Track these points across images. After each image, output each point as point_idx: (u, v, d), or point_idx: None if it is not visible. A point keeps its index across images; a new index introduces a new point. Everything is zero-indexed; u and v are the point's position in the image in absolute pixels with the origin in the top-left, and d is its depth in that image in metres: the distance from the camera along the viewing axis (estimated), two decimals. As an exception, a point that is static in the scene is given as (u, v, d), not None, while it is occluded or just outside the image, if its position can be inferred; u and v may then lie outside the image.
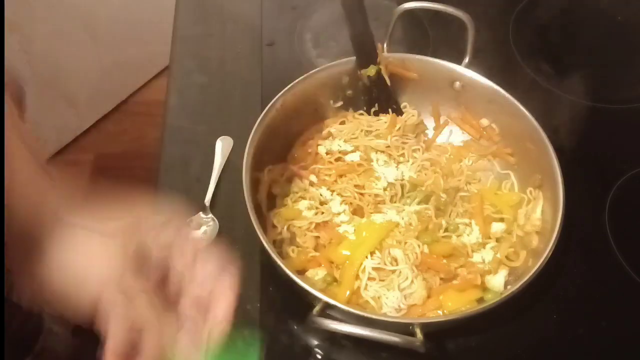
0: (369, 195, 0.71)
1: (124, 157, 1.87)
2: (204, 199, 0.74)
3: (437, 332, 0.63)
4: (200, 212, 0.73)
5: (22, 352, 0.79)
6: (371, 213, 0.70)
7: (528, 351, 0.66)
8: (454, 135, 0.80)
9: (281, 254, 0.66)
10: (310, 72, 0.74)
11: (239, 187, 0.64)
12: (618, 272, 0.71)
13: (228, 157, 0.78)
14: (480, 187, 0.75)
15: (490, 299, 0.61)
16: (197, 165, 0.78)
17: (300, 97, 0.74)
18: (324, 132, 0.78)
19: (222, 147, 0.79)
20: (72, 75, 1.74)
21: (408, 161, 0.75)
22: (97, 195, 0.49)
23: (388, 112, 0.78)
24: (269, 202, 0.72)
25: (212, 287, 0.46)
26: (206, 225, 0.72)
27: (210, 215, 0.73)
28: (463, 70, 0.75)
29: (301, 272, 0.66)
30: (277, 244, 0.68)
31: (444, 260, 0.67)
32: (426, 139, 0.80)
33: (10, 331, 0.75)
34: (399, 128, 0.77)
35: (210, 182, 0.76)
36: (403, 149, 0.76)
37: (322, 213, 0.70)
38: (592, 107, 0.87)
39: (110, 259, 0.46)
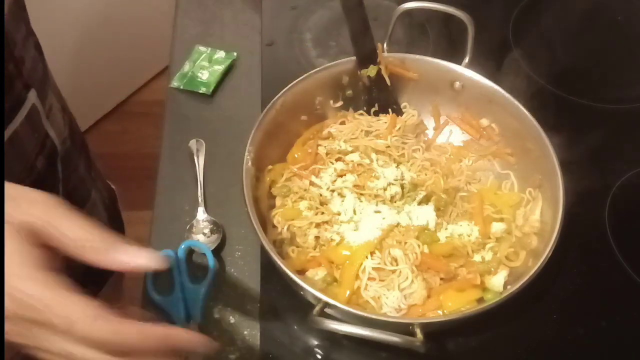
0: (369, 195, 0.71)
1: (124, 157, 1.87)
2: (204, 199, 0.74)
3: (437, 332, 0.63)
4: (201, 212, 0.73)
5: None
6: (371, 213, 0.70)
7: (528, 351, 0.66)
8: (454, 135, 0.80)
9: (281, 254, 0.66)
10: (310, 72, 0.74)
11: (239, 187, 0.64)
12: (618, 272, 0.71)
13: (228, 157, 0.78)
14: (480, 187, 0.75)
15: (490, 299, 0.61)
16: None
17: (300, 97, 0.74)
18: (324, 132, 0.78)
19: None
20: (72, 75, 1.74)
21: (408, 161, 0.75)
22: None
23: (388, 112, 0.78)
24: (269, 202, 0.72)
25: None
26: (207, 224, 0.72)
27: (207, 215, 0.73)
28: (463, 70, 0.75)
29: (301, 272, 0.66)
30: (277, 244, 0.68)
31: (444, 260, 0.67)
32: (426, 139, 0.80)
33: None
34: (399, 128, 0.77)
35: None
36: (403, 149, 0.76)
37: (322, 213, 0.70)
38: (592, 107, 0.87)
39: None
